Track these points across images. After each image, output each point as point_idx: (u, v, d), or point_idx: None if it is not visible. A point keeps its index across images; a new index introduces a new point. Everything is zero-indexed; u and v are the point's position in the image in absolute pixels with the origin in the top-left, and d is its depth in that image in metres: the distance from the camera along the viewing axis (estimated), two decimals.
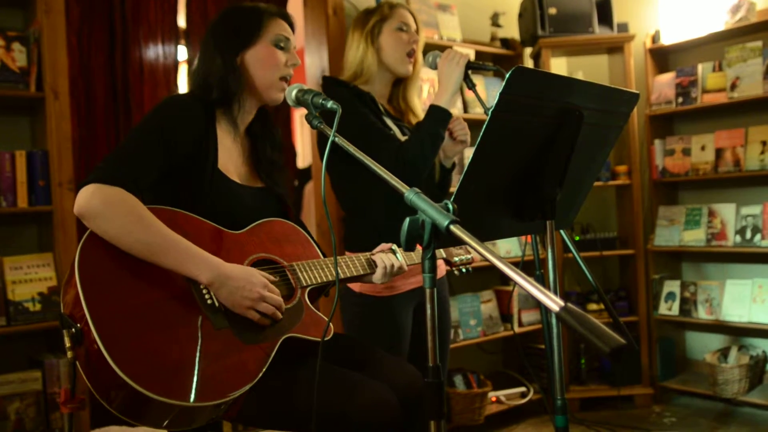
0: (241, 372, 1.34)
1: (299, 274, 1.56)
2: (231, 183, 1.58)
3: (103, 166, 1.39)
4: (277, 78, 1.63)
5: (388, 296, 2.03)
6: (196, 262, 1.37)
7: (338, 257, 1.61)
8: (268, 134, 1.73)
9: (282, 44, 1.64)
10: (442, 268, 2.18)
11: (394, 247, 1.74)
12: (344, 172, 2.10)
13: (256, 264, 1.51)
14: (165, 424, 1.30)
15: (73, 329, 1.26)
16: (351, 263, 1.66)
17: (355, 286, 2.04)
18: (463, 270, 1.94)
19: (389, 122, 2.11)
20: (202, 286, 1.40)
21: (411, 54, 2.14)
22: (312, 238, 1.70)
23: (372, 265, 1.68)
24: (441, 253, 1.88)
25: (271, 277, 1.47)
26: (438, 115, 2.00)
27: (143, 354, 1.25)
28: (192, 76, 1.67)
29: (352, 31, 2.21)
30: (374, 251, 1.73)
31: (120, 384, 1.21)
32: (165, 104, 1.53)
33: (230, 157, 1.62)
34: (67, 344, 1.27)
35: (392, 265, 1.68)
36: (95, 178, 1.36)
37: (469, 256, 1.89)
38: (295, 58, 1.66)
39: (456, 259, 1.88)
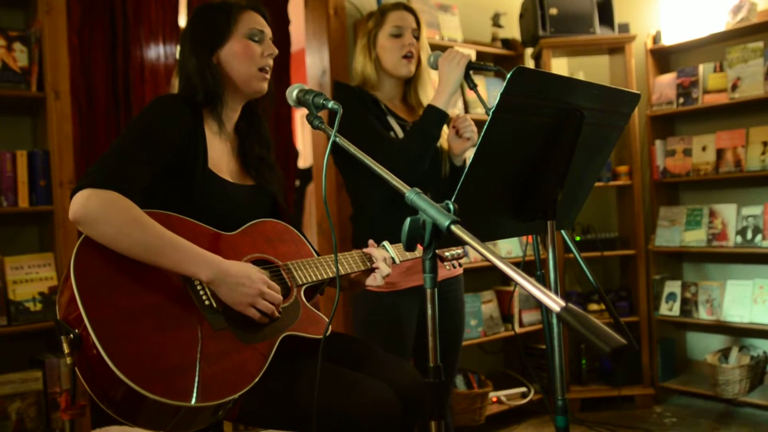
0: (242, 372, 1.34)
1: (294, 272, 1.56)
2: (222, 182, 1.58)
3: (95, 170, 1.37)
4: (256, 70, 1.63)
5: (389, 292, 2.06)
6: (195, 261, 1.37)
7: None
8: (255, 131, 1.73)
9: (256, 37, 1.63)
10: (457, 268, 2.19)
11: (385, 243, 1.73)
12: (348, 172, 2.15)
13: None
14: (165, 426, 1.30)
15: (71, 335, 1.25)
16: (345, 260, 1.66)
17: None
18: (455, 265, 1.95)
19: (393, 123, 2.12)
20: (198, 287, 1.40)
21: (408, 56, 2.14)
22: (304, 236, 1.70)
23: (369, 259, 1.68)
24: None
25: (266, 273, 1.47)
26: (433, 115, 2.01)
27: (143, 356, 1.25)
28: (176, 77, 1.66)
29: (357, 41, 2.25)
30: (364, 249, 1.73)
31: (121, 386, 1.21)
32: (152, 105, 1.53)
33: (220, 156, 1.62)
34: (66, 350, 1.25)
35: (388, 257, 1.68)
36: (88, 182, 1.35)
37: (459, 251, 1.90)
38: (271, 49, 1.65)
39: (447, 254, 1.88)
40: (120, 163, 1.40)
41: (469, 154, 3.13)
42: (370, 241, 1.74)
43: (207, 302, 1.39)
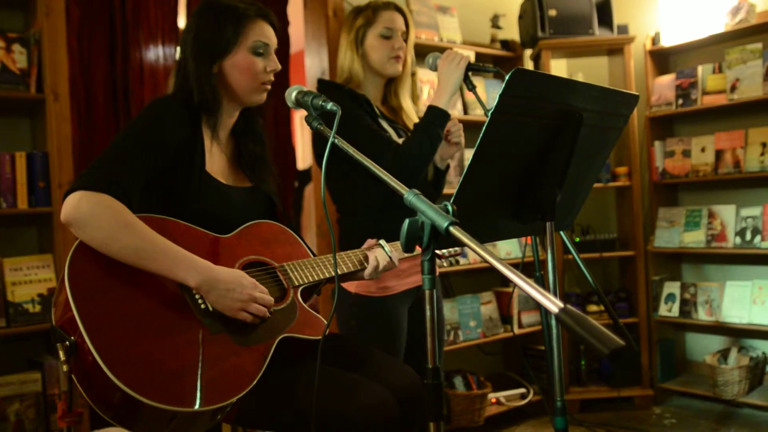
0: (240, 375, 1.34)
1: (290, 274, 1.55)
2: (219, 184, 1.57)
3: (89, 173, 1.36)
4: (258, 84, 1.60)
5: (383, 296, 2.02)
6: (184, 267, 1.35)
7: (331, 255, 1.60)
8: (250, 129, 1.70)
9: (260, 50, 1.59)
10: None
11: (382, 241, 1.72)
12: (339, 173, 2.10)
13: (246, 266, 1.51)
14: (163, 431, 1.29)
15: (67, 342, 1.24)
16: (341, 261, 1.65)
17: (350, 287, 2.03)
18: (452, 261, 1.94)
19: (385, 124, 2.11)
20: (195, 292, 1.39)
21: (397, 58, 2.13)
22: (301, 237, 1.69)
23: (364, 261, 1.68)
24: None
25: (261, 275, 1.47)
26: (436, 115, 1.99)
27: (140, 362, 1.24)
28: (174, 76, 1.63)
29: (341, 34, 2.20)
30: (363, 247, 1.72)
31: (118, 393, 1.20)
32: (150, 107, 1.51)
33: (215, 159, 1.61)
34: (62, 358, 1.24)
35: (384, 260, 1.68)
36: (81, 184, 1.34)
37: (456, 248, 1.89)
38: (274, 64, 1.61)
39: (444, 251, 1.88)
40: (114, 166, 1.39)
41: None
42: (370, 241, 1.73)
43: (203, 306, 1.38)
